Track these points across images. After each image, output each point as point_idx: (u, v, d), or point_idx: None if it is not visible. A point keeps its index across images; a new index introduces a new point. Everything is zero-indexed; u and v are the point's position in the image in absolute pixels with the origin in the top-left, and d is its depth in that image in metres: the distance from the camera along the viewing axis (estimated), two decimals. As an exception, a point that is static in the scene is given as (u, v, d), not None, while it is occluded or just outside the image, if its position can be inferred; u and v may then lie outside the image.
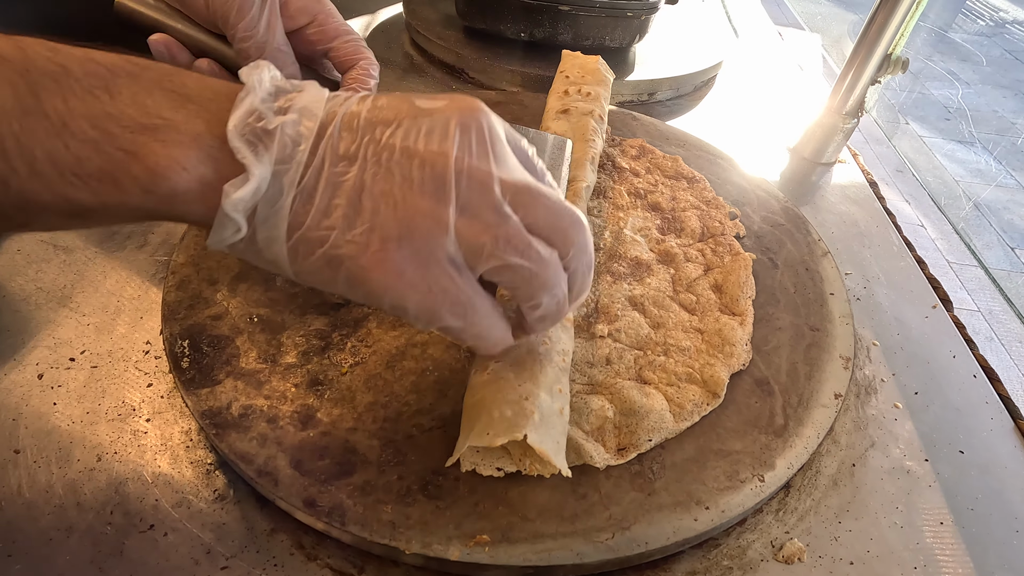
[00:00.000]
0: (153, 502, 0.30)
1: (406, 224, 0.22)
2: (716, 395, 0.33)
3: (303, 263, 0.23)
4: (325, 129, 0.23)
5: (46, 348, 0.36)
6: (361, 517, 0.27)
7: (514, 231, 0.23)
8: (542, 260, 0.24)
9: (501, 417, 0.25)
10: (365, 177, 0.22)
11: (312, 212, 0.22)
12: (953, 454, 0.36)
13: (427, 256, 0.22)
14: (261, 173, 0.22)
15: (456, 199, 0.22)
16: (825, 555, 0.30)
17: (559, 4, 0.63)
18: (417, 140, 0.22)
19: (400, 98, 0.24)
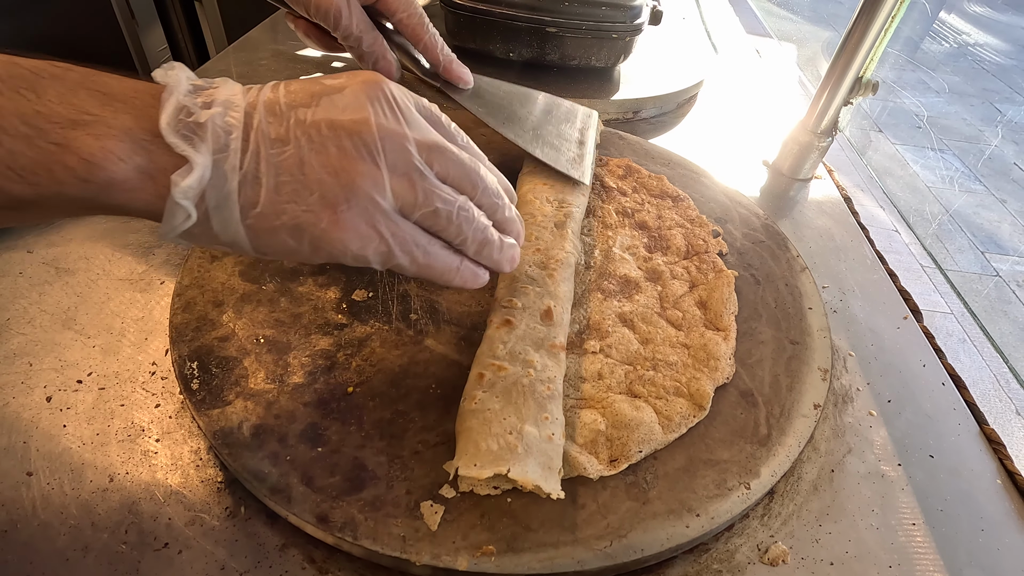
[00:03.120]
0: (166, 521, 0.31)
1: (350, 187, 0.26)
2: (702, 408, 0.34)
3: (264, 239, 0.26)
4: (251, 118, 0.26)
5: (53, 371, 0.37)
6: (372, 531, 0.28)
7: (433, 184, 0.28)
8: (457, 202, 0.29)
9: (488, 450, 0.28)
10: (302, 154, 0.25)
11: (263, 192, 0.25)
12: (924, 458, 0.38)
13: (373, 210, 0.26)
14: (203, 162, 0.24)
15: (386, 163, 0.26)
16: (807, 557, 0.32)
17: (546, 26, 0.65)
18: (337, 114, 0.26)
19: (308, 81, 0.28)
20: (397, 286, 0.41)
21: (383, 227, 0.27)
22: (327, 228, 0.26)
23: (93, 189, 0.23)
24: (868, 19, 0.53)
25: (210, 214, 0.25)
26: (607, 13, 0.65)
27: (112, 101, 0.24)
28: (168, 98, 0.24)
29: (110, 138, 0.23)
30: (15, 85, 0.22)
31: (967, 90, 3.45)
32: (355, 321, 0.38)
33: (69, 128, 0.23)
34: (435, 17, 0.77)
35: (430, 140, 0.28)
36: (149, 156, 0.24)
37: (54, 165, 0.22)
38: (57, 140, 0.22)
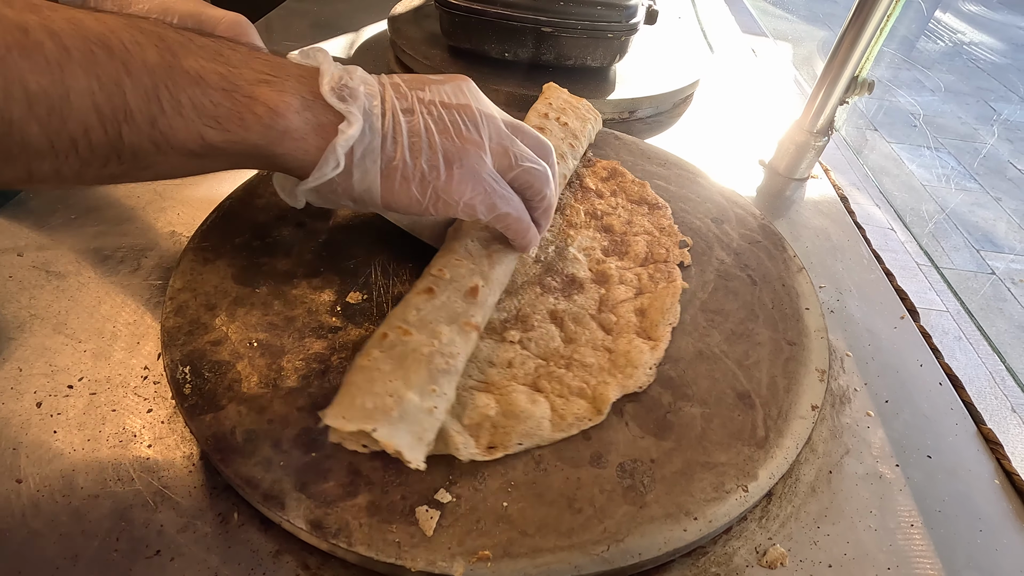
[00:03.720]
0: (158, 527, 0.30)
1: (462, 150, 0.32)
2: (599, 412, 0.33)
3: (396, 187, 0.31)
4: (385, 91, 0.32)
5: (43, 376, 0.36)
6: (367, 537, 0.28)
7: (521, 149, 0.34)
8: (541, 163, 0.35)
9: (361, 406, 0.28)
10: (426, 123, 0.31)
11: (400, 149, 0.31)
12: (922, 459, 0.38)
13: (480, 170, 0.32)
14: (359, 119, 0.30)
15: (487, 135, 0.33)
16: (806, 559, 0.32)
17: (541, 26, 0.65)
18: (448, 97, 0.33)
19: (415, 75, 0.34)
20: (391, 289, 0.40)
21: (487, 183, 0.32)
22: (446, 180, 0.32)
23: (271, 136, 0.28)
24: (864, 18, 0.53)
25: (354, 165, 0.30)
26: (603, 13, 0.64)
27: (280, 69, 0.29)
28: (327, 68, 0.30)
29: (288, 93, 0.28)
30: (208, 52, 0.27)
31: (962, 89, 3.46)
32: (349, 324, 0.38)
33: (256, 85, 0.28)
34: (430, 17, 0.77)
35: (513, 122, 0.35)
36: (314, 113, 0.29)
37: (246, 113, 0.27)
38: (248, 93, 0.28)
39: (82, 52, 0.23)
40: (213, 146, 0.27)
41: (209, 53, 0.27)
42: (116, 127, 0.24)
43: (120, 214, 0.48)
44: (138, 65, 0.25)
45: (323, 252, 0.42)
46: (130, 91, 0.24)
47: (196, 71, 0.26)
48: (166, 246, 0.46)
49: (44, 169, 0.24)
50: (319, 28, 0.81)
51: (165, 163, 0.27)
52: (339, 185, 0.31)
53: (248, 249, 0.42)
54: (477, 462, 0.31)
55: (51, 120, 0.23)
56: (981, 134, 3.04)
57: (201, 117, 0.26)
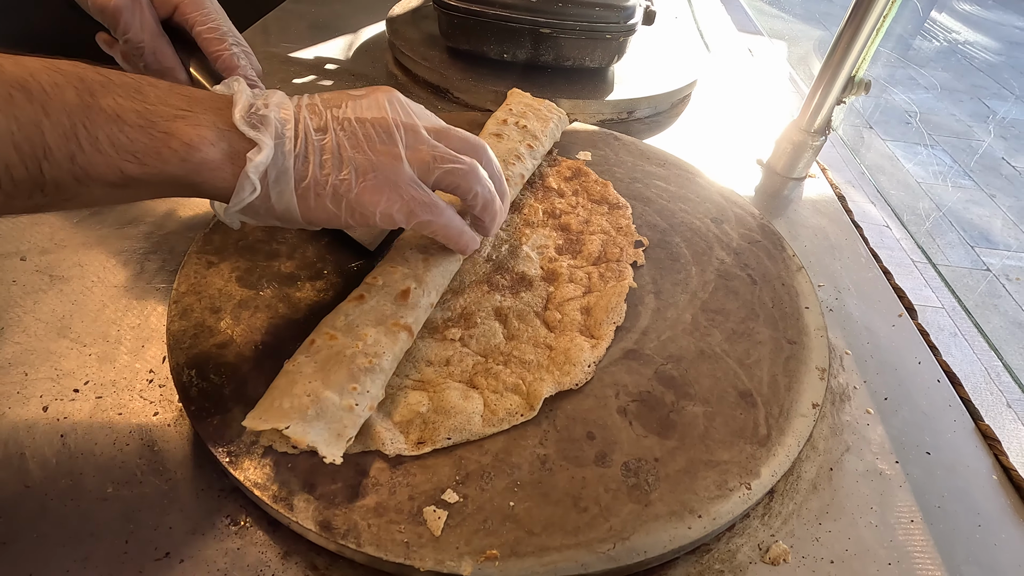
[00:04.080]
0: (167, 530, 0.30)
1: (375, 161, 0.32)
2: (531, 408, 0.34)
3: (311, 204, 0.32)
4: (299, 113, 0.32)
5: (49, 380, 0.36)
6: (376, 538, 0.28)
7: (443, 150, 0.34)
8: (466, 163, 0.35)
9: (278, 407, 0.30)
10: (338, 139, 0.32)
11: (311, 167, 0.32)
12: (921, 456, 0.38)
13: (395, 178, 0.33)
14: (269, 143, 0.30)
15: (403, 144, 0.33)
16: (808, 555, 0.32)
17: (540, 27, 0.65)
18: (363, 112, 0.33)
19: (335, 92, 0.34)
20: (395, 290, 0.41)
21: (403, 191, 0.33)
22: (359, 192, 0.32)
23: (189, 167, 0.29)
24: (860, 18, 0.53)
25: (270, 187, 0.31)
26: (601, 14, 0.65)
27: (195, 103, 0.30)
28: (239, 98, 0.31)
29: (203, 127, 0.29)
30: (126, 90, 0.28)
31: (956, 87, 3.48)
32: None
33: (172, 120, 0.29)
34: (428, 18, 0.77)
35: (438, 125, 0.35)
36: (229, 142, 0.30)
37: (162, 148, 0.28)
38: (164, 129, 0.28)
39: (1, 96, 0.25)
40: (133, 178, 0.28)
41: (127, 91, 0.28)
42: (36, 164, 0.26)
43: (122, 217, 0.48)
44: (56, 106, 0.26)
45: (326, 255, 0.43)
46: (48, 130, 0.26)
47: (113, 109, 0.27)
48: (169, 249, 0.46)
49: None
50: (317, 30, 0.81)
51: (88, 194, 0.29)
52: (260, 207, 0.32)
53: (251, 252, 0.42)
54: (482, 462, 0.32)
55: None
56: (975, 131, 3.06)
57: (119, 152, 0.27)
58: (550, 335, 0.38)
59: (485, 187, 0.36)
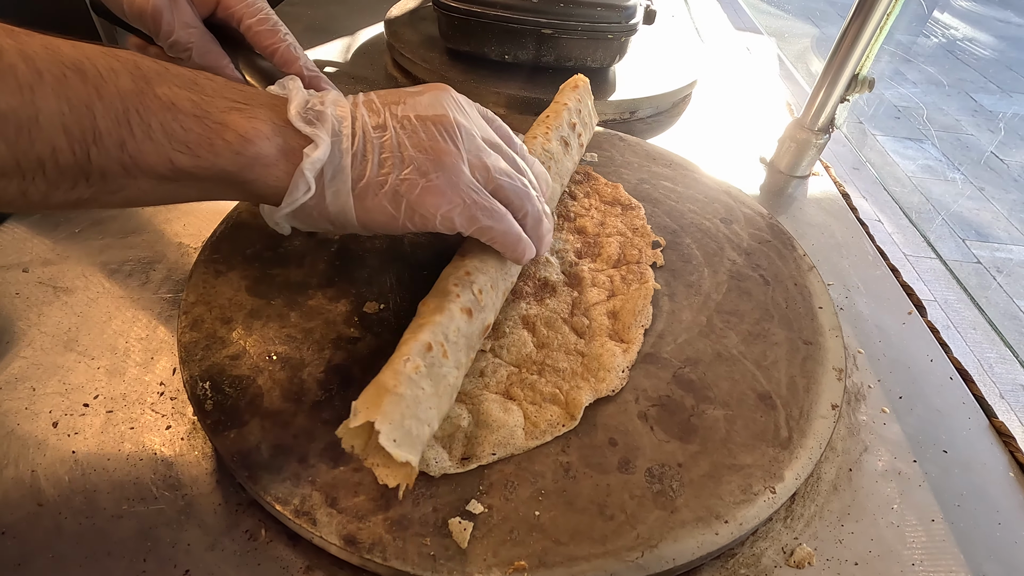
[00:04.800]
0: (186, 546, 0.30)
1: (437, 162, 0.31)
2: (573, 417, 0.33)
3: (369, 205, 0.31)
4: (356, 111, 0.32)
5: (58, 395, 0.36)
6: (402, 551, 0.27)
7: (499, 163, 0.33)
8: (521, 180, 0.34)
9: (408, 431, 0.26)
10: (399, 137, 0.31)
11: (369, 166, 0.31)
12: (938, 454, 0.38)
13: (456, 180, 0.31)
14: (326, 140, 0.30)
15: (464, 145, 0.32)
16: (832, 558, 0.32)
17: (541, 27, 0.64)
18: (424, 109, 0.32)
19: (391, 90, 0.34)
20: (408, 297, 0.40)
21: (465, 194, 0.32)
22: (420, 193, 0.31)
23: (241, 162, 0.28)
24: (864, 16, 0.53)
25: (325, 187, 0.30)
26: (602, 14, 0.64)
27: (251, 98, 0.30)
28: (295, 95, 0.31)
29: (258, 120, 0.29)
30: (182, 80, 0.28)
31: (946, 81, 3.51)
32: (368, 334, 0.37)
33: (227, 112, 0.28)
34: (427, 19, 0.77)
35: (491, 138, 0.34)
36: (284, 138, 0.29)
37: (216, 139, 0.28)
38: (219, 120, 0.28)
39: (55, 76, 0.24)
40: (183, 171, 0.27)
41: (183, 81, 0.28)
42: (84, 148, 0.25)
43: (125, 226, 0.47)
44: (111, 90, 0.25)
45: (336, 261, 0.42)
46: (100, 114, 0.25)
47: (168, 97, 0.27)
48: (174, 258, 0.45)
49: (10, 191, 0.24)
50: (314, 32, 0.80)
51: (134, 187, 0.27)
52: (314, 209, 0.31)
53: (260, 260, 0.41)
54: (505, 471, 0.31)
55: (19, 140, 0.23)
56: (963, 124, 3.09)
57: (171, 142, 0.26)
58: (580, 341, 0.37)
59: (535, 206, 0.35)
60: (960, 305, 2.16)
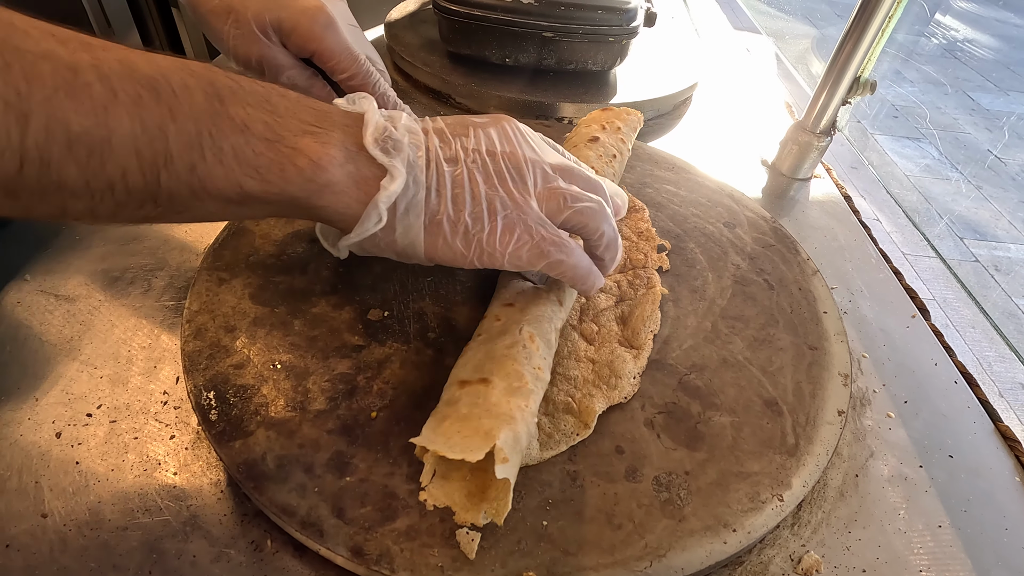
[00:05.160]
0: (191, 558, 0.30)
1: (506, 199, 0.31)
2: (587, 426, 0.33)
3: (440, 241, 0.30)
4: (428, 140, 0.31)
5: (61, 405, 0.36)
6: (410, 562, 0.27)
7: (570, 190, 0.32)
8: (595, 201, 0.33)
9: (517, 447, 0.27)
10: (469, 172, 0.31)
11: (443, 202, 0.30)
12: (944, 459, 0.38)
13: (526, 219, 0.31)
14: (403, 172, 0.29)
15: (531, 178, 0.32)
16: (840, 565, 0.32)
17: (543, 31, 0.64)
18: (492, 144, 0.32)
19: (457, 117, 0.33)
20: (412, 304, 0.40)
21: (534, 230, 0.31)
22: (490, 232, 0.30)
23: (311, 188, 0.28)
24: (866, 19, 0.53)
25: (397, 219, 0.30)
26: (603, 17, 0.64)
27: (325, 118, 0.29)
28: (370, 117, 0.29)
29: (332, 145, 0.28)
30: (256, 99, 0.27)
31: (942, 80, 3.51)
32: (372, 342, 0.37)
33: (300, 136, 0.27)
34: (427, 22, 0.77)
35: (561, 163, 0.34)
36: (357, 165, 0.28)
37: (287, 165, 0.27)
38: (292, 144, 0.27)
39: (130, 95, 0.23)
40: (251, 195, 0.27)
41: (257, 100, 0.27)
42: (155, 172, 0.24)
43: (126, 233, 0.47)
44: (184, 110, 0.24)
45: (339, 268, 0.42)
46: (173, 136, 0.24)
47: (242, 119, 0.26)
48: (176, 265, 0.45)
49: (79, 208, 0.24)
50: (314, 35, 0.80)
51: (201, 208, 0.27)
52: (382, 239, 0.30)
53: (263, 267, 0.41)
54: (512, 480, 0.31)
55: (90, 162, 0.22)
56: (960, 123, 3.09)
57: (241, 166, 0.26)
58: (590, 348, 0.37)
59: (610, 225, 0.34)
60: (958, 304, 2.16)
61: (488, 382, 0.29)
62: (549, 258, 0.32)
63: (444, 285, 0.42)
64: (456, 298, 0.41)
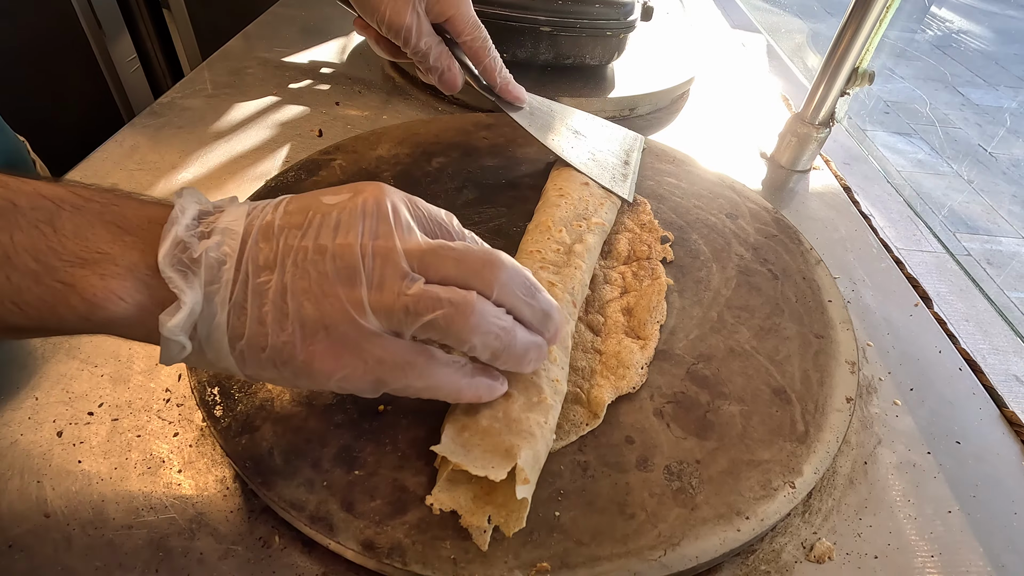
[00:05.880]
0: (198, 556, 0.29)
1: (328, 314, 0.24)
2: (596, 416, 0.33)
3: (253, 368, 0.25)
4: (246, 243, 0.25)
5: (61, 404, 0.35)
6: (422, 555, 0.27)
7: (420, 292, 0.25)
8: (457, 302, 0.25)
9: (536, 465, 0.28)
10: (285, 280, 0.24)
11: (248, 322, 0.24)
12: (951, 445, 0.38)
13: (354, 336, 0.25)
14: (192, 299, 0.24)
15: (367, 279, 0.24)
16: (852, 552, 0.32)
17: (540, 25, 0.64)
18: (326, 236, 0.25)
19: (308, 198, 0.26)
20: (416, 297, 0.40)
21: (366, 352, 0.25)
22: (306, 359, 0.25)
23: (91, 326, 0.24)
24: (864, 9, 0.54)
25: (203, 345, 0.25)
26: (601, 11, 0.64)
27: (124, 235, 0.24)
28: (169, 231, 0.24)
29: (115, 277, 0.23)
30: (35, 218, 0.23)
31: (933, 75, 3.54)
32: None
33: (78, 267, 0.23)
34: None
35: (423, 246, 0.26)
36: (150, 292, 0.24)
37: (58, 303, 0.23)
38: (64, 279, 0.23)
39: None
40: (22, 328, 0.23)
41: (35, 220, 0.22)
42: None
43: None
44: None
45: (342, 263, 0.41)
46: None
47: (4, 249, 0.22)
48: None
49: None
50: (308, 34, 0.80)
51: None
52: (200, 362, 0.26)
53: (264, 263, 0.41)
54: (523, 472, 0.31)
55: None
56: (951, 118, 3.11)
57: (2, 302, 0.22)
58: (596, 339, 0.37)
59: (489, 333, 0.26)
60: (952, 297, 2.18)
61: (508, 395, 0.30)
62: (389, 385, 0.26)
63: (448, 278, 0.41)
64: (460, 291, 0.40)
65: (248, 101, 0.65)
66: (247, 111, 0.63)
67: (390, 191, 0.26)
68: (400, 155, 0.53)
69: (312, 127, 0.61)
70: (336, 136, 0.59)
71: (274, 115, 0.63)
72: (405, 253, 0.25)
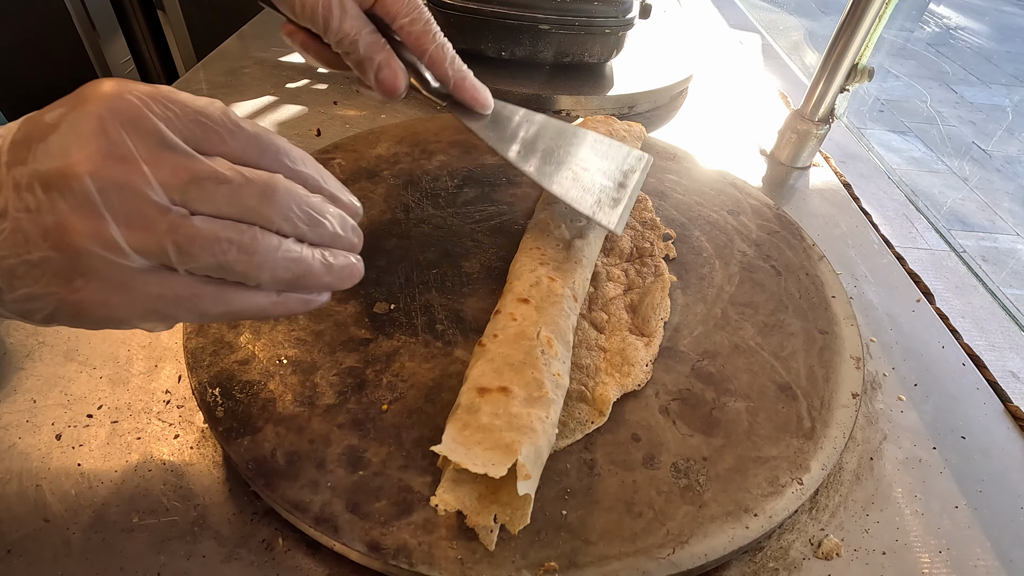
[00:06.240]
0: (201, 559, 0.29)
1: (79, 261, 0.20)
2: (602, 413, 0.33)
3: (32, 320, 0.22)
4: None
5: (60, 406, 0.35)
6: (428, 556, 0.27)
7: (191, 231, 0.21)
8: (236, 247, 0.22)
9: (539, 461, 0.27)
10: (21, 226, 0.20)
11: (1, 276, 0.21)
12: (956, 440, 0.38)
13: (120, 277, 0.21)
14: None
15: (111, 214, 0.20)
16: (860, 548, 0.32)
17: (539, 23, 0.64)
18: (50, 164, 0.20)
19: (26, 121, 0.22)
20: (418, 297, 0.39)
21: (141, 292, 0.22)
22: (76, 310, 0.21)
23: None
24: (863, 6, 0.53)
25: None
26: (599, 9, 0.64)
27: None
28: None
29: None
30: None
31: (926, 73, 3.55)
32: (380, 335, 0.36)
33: None
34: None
35: (187, 175, 0.21)
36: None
37: None
38: None
39: None
40: None
41: None
42: None
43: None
44: None
45: (342, 262, 0.41)
46: None
47: None
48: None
49: None
50: (305, 32, 0.79)
51: None
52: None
53: (264, 263, 0.40)
54: (528, 471, 0.30)
55: None
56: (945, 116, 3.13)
57: None
58: (600, 336, 0.37)
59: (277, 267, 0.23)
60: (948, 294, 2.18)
61: (508, 391, 0.29)
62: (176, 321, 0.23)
63: (450, 277, 0.41)
64: (463, 289, 0.40)
65: (245, 101, 0.64)
66: (244, 111, 0.62)
67: (126, 89, 0.21)
68: (400, 153, 0.52)
69: (310, 127, 0.61)
70: (334, 135, 0.59)
71: (272, 115, 0.62)
72: (160, 182, 0.21)
